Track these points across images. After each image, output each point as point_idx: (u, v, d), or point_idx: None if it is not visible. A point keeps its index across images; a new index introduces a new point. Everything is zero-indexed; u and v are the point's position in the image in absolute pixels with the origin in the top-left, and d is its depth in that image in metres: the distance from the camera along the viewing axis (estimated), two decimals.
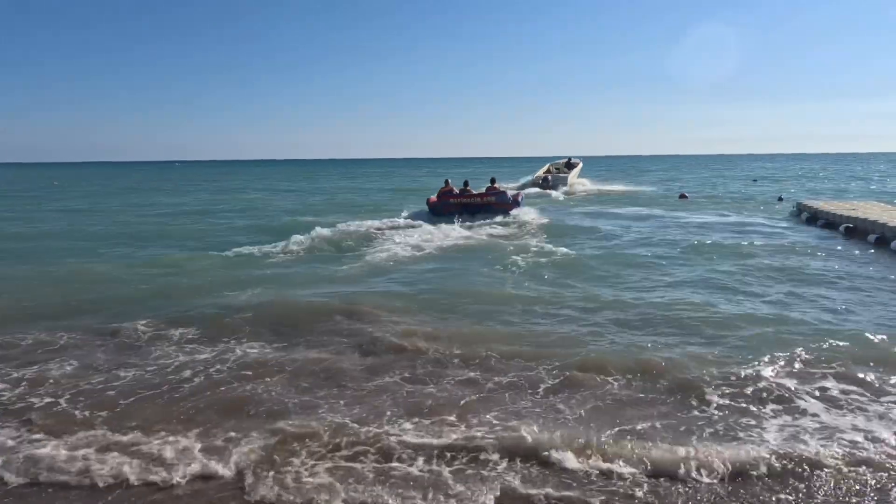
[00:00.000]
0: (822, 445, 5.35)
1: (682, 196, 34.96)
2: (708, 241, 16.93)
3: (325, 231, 17.94)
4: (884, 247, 15.25)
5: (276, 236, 17.95)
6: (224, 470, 5.11)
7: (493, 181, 23.98)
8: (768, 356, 7.35)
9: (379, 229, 19.52)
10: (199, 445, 5.48)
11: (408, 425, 5.79)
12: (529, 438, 5.45)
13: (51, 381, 7.00)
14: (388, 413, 6.07)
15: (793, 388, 6.54)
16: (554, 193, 34.42)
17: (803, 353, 7.48)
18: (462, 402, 6.28)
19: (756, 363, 7.16)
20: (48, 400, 6.50)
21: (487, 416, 5.93)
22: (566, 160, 42.72)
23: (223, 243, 17.40)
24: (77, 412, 6.20)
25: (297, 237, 17.06)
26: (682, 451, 5.24)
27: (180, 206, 34.20)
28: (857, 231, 17.39)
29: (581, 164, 42.56)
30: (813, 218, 21.29)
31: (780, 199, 32.26)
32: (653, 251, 15.52)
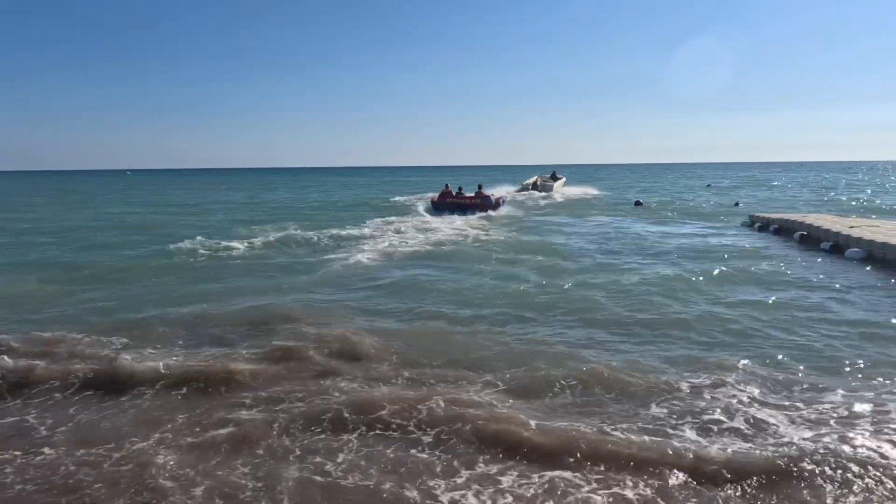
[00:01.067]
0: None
1: (637, 203, 34.78)
2: (662, 247, 16.41)
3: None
4: (838, 253, 14.83)
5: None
6: None
7: (479, 187, 30.91)
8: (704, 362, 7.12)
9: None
10: None
11: None
12: None
13: None
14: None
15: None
16: (537, 194, 40.20)
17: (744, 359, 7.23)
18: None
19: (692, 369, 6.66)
20: None
21: None
22: (552, 173, 49.25)
23: None
24: None
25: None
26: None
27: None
28: (811, 239, 16.99)
29: (564, 178, 49.37)
30: (765, 226, 20.98)
31: (737, 204, 32.40)
32: (599, 247, 15.85)
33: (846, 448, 5.07)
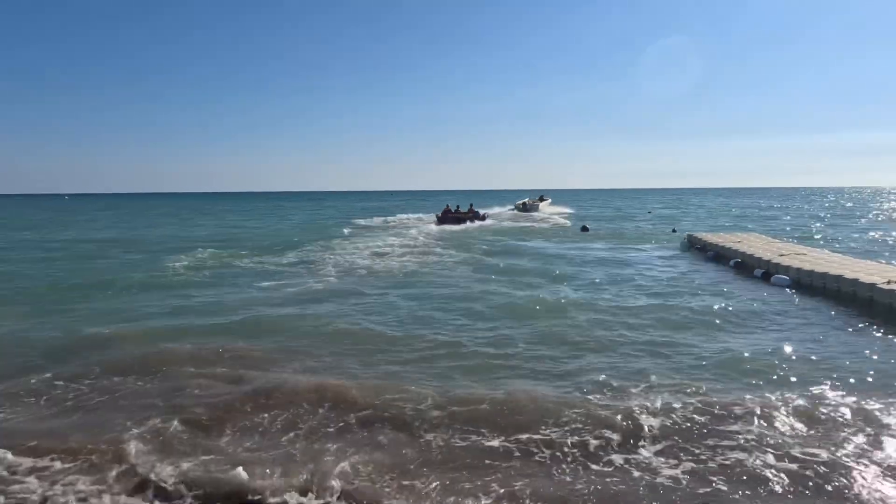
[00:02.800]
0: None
1: (584, 228, 35.44)
2: (596, 274, 16.67)
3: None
4: (767, 281, 15.43)
5: None
6: None
7: (471, 206, 43.24)
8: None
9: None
10: None
11: None
12: None
13: None
14: None
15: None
16: (527, 214, 51.04)
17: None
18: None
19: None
20: None
21: None
22: (540, 196, 62.55)
23: None
24: None
25: None
26: None
27: None
28: (745, 266, 17.63)
29: (550, 200, 63.08)
30: (702, 250, 21.72)
31: (674, 230, 33.31)
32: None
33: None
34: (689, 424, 6.42)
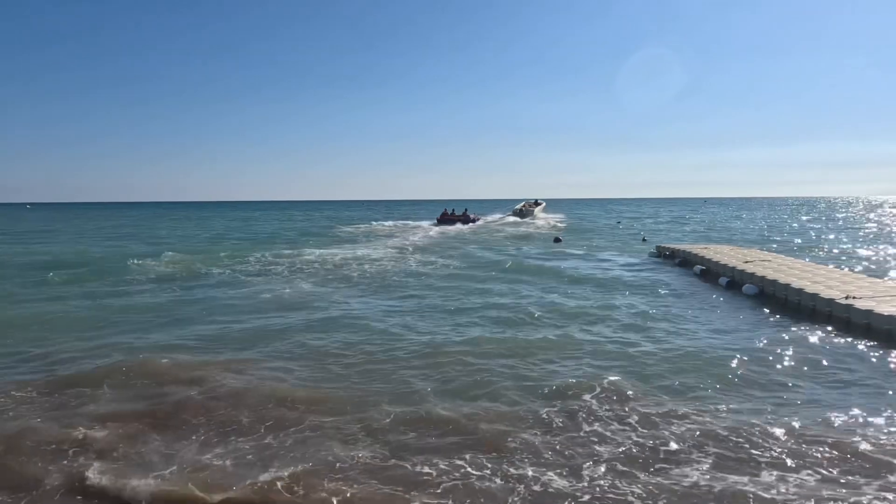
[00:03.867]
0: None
1: (557, 240, 35.71)
2: (571, 286, 16.78)
3: None
4: (734, 289, 15.68)
5: None
6: None
7: (465, 210, 52.64)
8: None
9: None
10: None
11: None
12: None
13: None
14: None
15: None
16: (521, 219, 55.35)
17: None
18: None
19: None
20: None
21: None
22: (535, 201, 65.84)
23: None
24: None
25: None
26: None
27: None
28: (710, 273, 17.90)
29: (544, 205, 67.09)
30: (671, 257, 22.05)
31: (644, 239, 33.76)
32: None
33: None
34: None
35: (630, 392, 7.71)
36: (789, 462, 5.80)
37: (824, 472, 5.62)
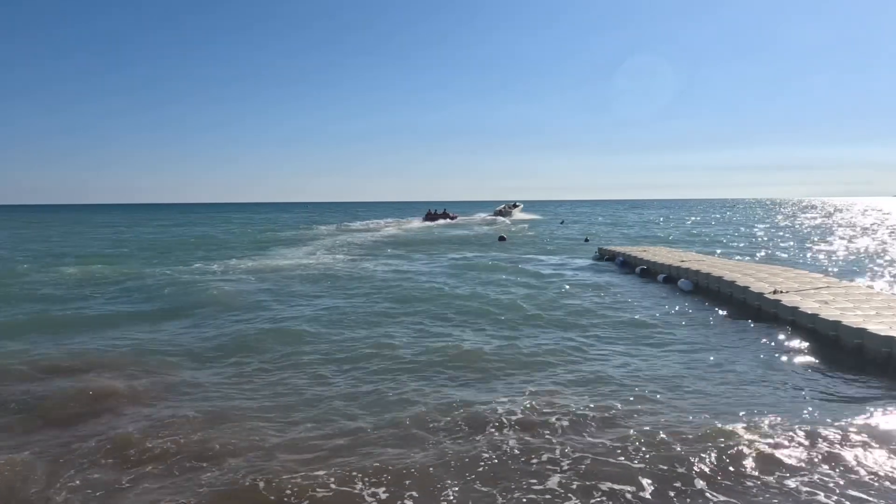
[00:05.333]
0: None
1: (501, 238, 36.22)
2: (512, 280, 17.09)
3: None
4: (671, 283, 16.34)
5: None
6: None
7: (445, 210, 66.20)
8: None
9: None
10: None
11: None
12: None
13: None
14: None
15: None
16: (501, 219, 64.14)
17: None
18: None
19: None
20: None
21: None
22: (513, 203, 74.83)
23: None
24: None
25: None
26: None
27: None
28: (650, 272, 18.56)
29: (521, 206, 77.33)
30: (612, 258, 22.71)
31: (586, 240, 34.58)
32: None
33: None
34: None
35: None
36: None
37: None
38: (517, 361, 9.04)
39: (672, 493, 5.10)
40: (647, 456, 5.69)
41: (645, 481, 5.26)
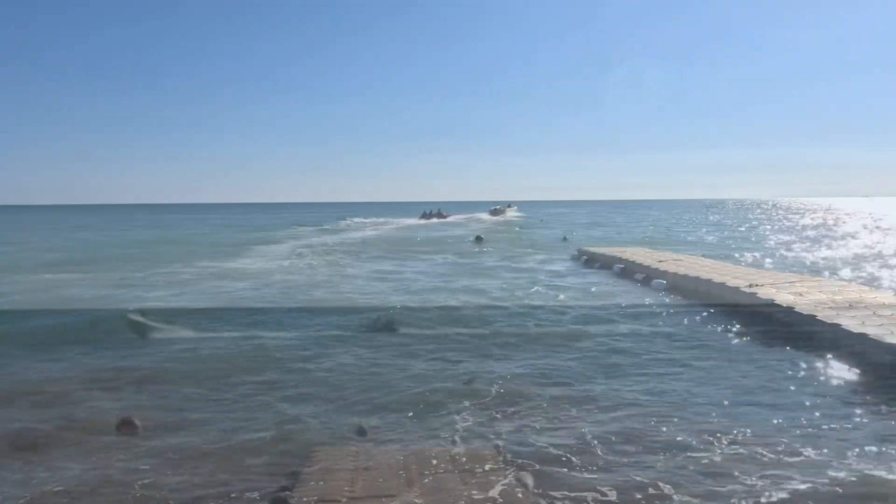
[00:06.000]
0: None
1: (479, 238, 36.19)
2: (492, 281, 17.04)
3: None
4: (647, 284, 16.44)
5: None
6: None
7: (440, 210, 69.65)
8: None
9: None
10: None
11: None
12: None
13: None
14: None
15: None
16: (488, 217, 68.60)
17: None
18: None
19: None
20: None
21: None
22: (508, 204, 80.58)
23: None
24: None
25: None
26: None
27: None
28: (628, 271, 18.63)
29: (516, 207, 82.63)
30: (591, 260, 22.77)
31: (565, 238, 34.76)
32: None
33: None
34: None
35: None
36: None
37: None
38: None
39: None
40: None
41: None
